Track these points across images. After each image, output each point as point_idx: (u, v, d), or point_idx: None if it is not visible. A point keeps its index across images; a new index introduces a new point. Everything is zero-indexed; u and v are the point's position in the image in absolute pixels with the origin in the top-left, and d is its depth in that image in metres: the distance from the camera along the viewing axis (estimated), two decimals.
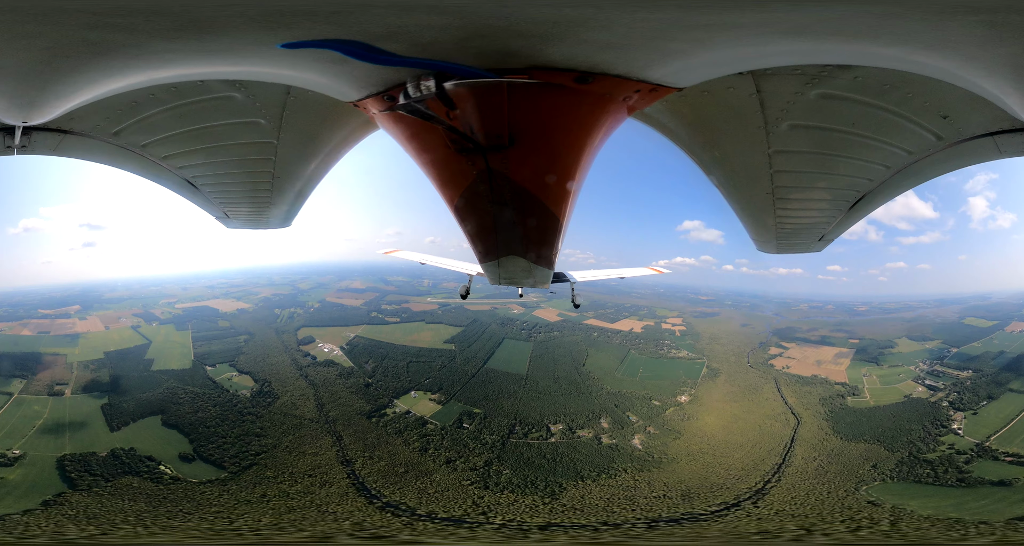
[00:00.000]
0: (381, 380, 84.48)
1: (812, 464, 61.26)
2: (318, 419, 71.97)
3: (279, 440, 66.06)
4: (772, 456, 64.51)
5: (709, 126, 5.19)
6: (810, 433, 68.90)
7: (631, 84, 3.58)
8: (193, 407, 70.35)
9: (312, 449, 64.93)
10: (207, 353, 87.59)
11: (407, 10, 2.81)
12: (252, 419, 69.73)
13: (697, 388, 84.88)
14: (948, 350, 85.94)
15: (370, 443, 68.12)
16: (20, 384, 67.34)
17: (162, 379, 76.33)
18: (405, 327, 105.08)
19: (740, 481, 60.25)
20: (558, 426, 74.45)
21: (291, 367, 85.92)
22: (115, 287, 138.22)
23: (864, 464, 59.01)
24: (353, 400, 77.81)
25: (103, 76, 3.46)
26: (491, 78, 3.18)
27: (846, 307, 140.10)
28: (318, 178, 6.98)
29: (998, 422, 59.96)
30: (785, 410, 76.08)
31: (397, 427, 72.67)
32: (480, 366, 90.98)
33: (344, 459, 63.98)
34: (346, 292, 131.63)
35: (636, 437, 72.48)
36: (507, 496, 58.82)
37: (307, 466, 61.42)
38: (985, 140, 5.11)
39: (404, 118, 3.87)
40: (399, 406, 78.04)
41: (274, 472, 59.38)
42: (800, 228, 6.73)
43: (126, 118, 5.62)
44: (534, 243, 5.59)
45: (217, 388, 76.50)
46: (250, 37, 3.05)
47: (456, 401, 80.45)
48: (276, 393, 77.11)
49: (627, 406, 79.67)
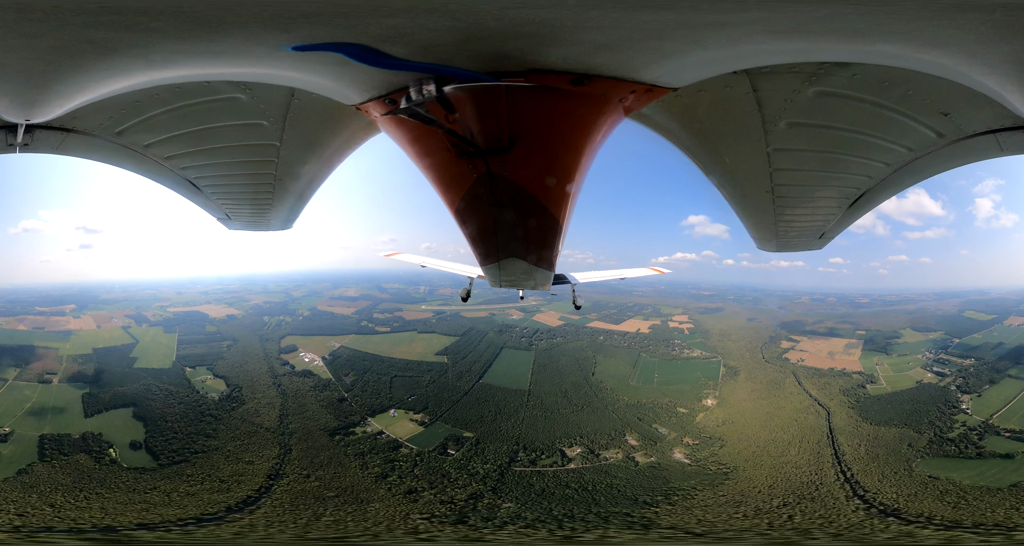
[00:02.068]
0: (359, 395, 79.13)
1: (860, 450, 63.82)
2: (276, 429, 69.79)
3: (224, 443, 65.94)
4: (822, 447, 65.35)
5: (706, 125, 5.18)
6: (843, 422, 70.55)
7: (626, 85, 3.59)
8: (163, 403, 73.12)
9: (250, 457, 63.16)
10: (189, 355, 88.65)
11: (409, 13, 2.82)
12: (210, 420, 70.76)
13: (720, 389, 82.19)
14: (951, 340, 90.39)
15: (319, 462, 63.36)
16: (14, 372, 73.02)
17: (141, 376, 79.44)
18: (395, 337, 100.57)
19: (820, 474, 60.19)
20: (574, 449, 66.29)
21: (266, 375, 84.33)
22: (111, 289, 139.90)
23: (901, 445, 63.51)
24: (321, 414, 73.98)
25: (107, 76, 3.48)
26: (490, 82, 3.22)
27: (848, 300, 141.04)
28: (320, 180, 6.99)
29: (999, 403, 67.50)
30: (812, 403, 76.20)
31: (361, 448, 66.45)
32: (475, 381, 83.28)
33: (274, 473, 60.47)
34: (339, 300, 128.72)
35: (676, 451, 66.47)
36: (512, 534, 51.80)
37: (230, 472, 59.97)
38: (987, 137, 5.08)
39: (405, 122, 3.90)
40: (372, 425, 71.88)
41: (193, 471, 59.95)
42: (800, 226, 6.72)
43: (129, 118, 5.63)
44: (534, 245, 5.60)
45: (189, 388, 78.41)
46: (257, 39, 3.08)
47: (442, 423, 73.08)
48: (244, 399, 76.68)
49: (652, 417, 74.28)
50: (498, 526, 52.85)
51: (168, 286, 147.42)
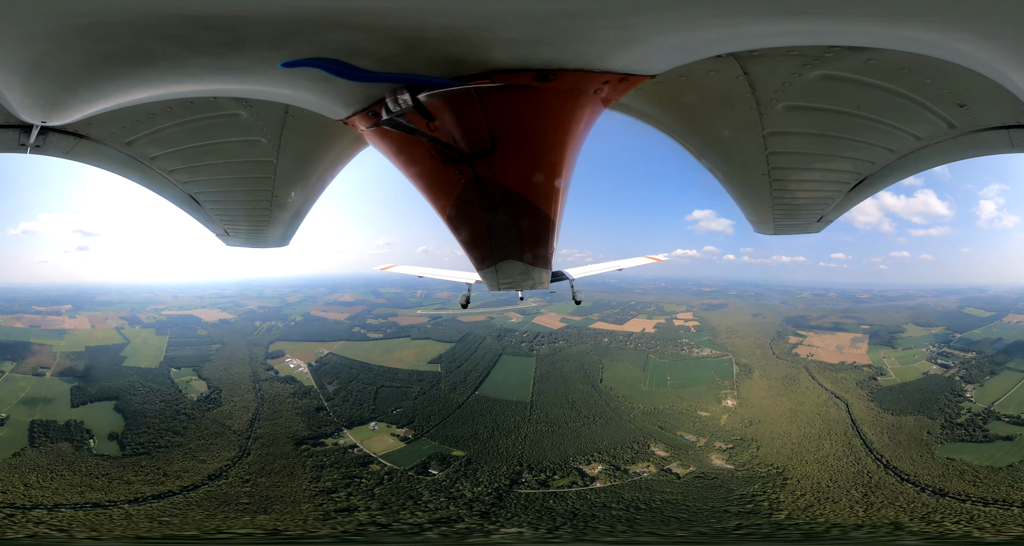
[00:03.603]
0: (339, 405, 75.60)
1: (884, 438, 66.22)
2: (244, 433, 69.13)
3: (189, 441, 66.88)
4: (850, 438, 66.53)
5: (694, 111, 5.07)
6: (862, 413, 72.07)
7: (596, 76, 3.48)
8: (144, 399, 75.21)
9: (205, 457, 63.64)
10: (177, 357, 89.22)
11: (357, 29, 2.84)
12: (183, 419, 71.75)
13: (737, 388, 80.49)
14: (952, 335, 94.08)
15: (270, 469, 60.85)
16: (10, 365, 78.06)
17: (128, 374, 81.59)
18: (387, 344, 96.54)
19: (861, 464, 60.97)
20: (594, 466, 60.66)
21: (248, 379, 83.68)
22: (108, 291, 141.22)
23: (921, 431, 66.64)
24: (295, 422, 71.65)
25: (132, 86, 3.47)
26: (457, 86, 3.21)
27: (848, 295, 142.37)
28: (315, 197, 7.02)
29: (999, 392, 72.58)
30: (829, 396, 76.69)
31: (323, 461, 62.41)
32: (470, 393, 77.93)
33: (217, 473, 59.78)
34: (333, 306, 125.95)
35: (713, 458, 63.25)
36: (513, 536, 47.66)
37: (178, 468, 61.01)
38: (999, 132, 5.00)
39: (390, 133, 3.90)
40: (346, 438, 67.74)
41: (148, 463, 61.82)
42: (798, 210, 6.64)
43: (141, 129, 5.67)
44: (529, 244, 5.54)
45: (172, 387, 79.57)
46: (261, 55, 3.10)
47: (428, 439, 67.84)
48: (221, 401, 76.83)
49: (674, 424, 70.81)
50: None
51: (164, 290, 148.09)
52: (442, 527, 50.76)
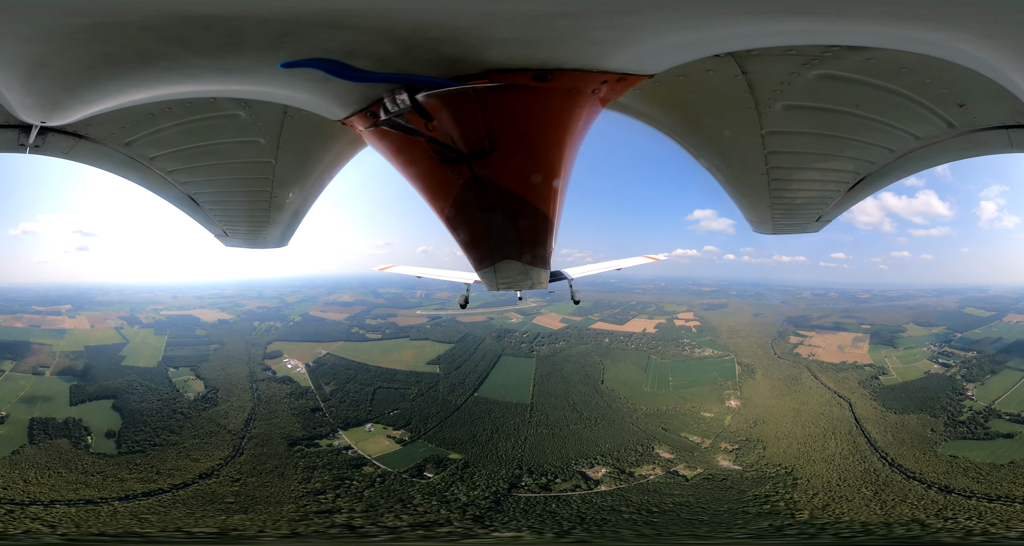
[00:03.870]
0: (336, 406, 75.32)
1: (887, 436, 66.64)
2: (238, 433, 69.29)
3: (184, 440, 67.06)
4: (855, 437, 66.86)
5: (692, 111, 5.06)
6: (866, 412, 72.25)
7: (594, 76, 3.49)
8: (141, 398, 75.77)
9: (199, 455, 63.85)
10: (176, 356, 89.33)
11: (353, 29, 2.86)
12: (180, 418, 72.06)
13: (740, 388, 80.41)
14: (953, 335, 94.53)
15: (262, 469, 60.91)
16: (10, 364, 78.92)
17: (126, 373, 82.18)
18: (386, 345, 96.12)
19: (867, 462, 61.23)
20: (598, 470, 59.95)
21: (246, 380, 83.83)
22: (108, 291, 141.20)
23: (924, 430, 67.32)
24: (290, 423, 71.72)
25: (131, 86, 3.48)
26: (455, 86, 3.22)
27: (848, 295, 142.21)
28: (314, 197, 7.02)
29: (999, 391, 73.38)
30: (832, 396, 76.77)
31: (315, 462, 62.18)
32: (469, 394, 77.25)
33: (208, 472, 60.07)
34: (332, 306, 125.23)
35: (720, 459, 62.91)
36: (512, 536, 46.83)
37: (171, 466, 61.39)
38: (999, 132, 4.99)
39: (388, 133, 3.90)
40: (341, 440, 67.65)
41: (142, 461, 62.31)
42: (797, 209, 6.63)
43: (140, 129, 5.68)
44: (528, 245, 5.53)
45: (170, 387, 79.79)
46: (260, 56, 3.11)
47: (425, 441, 67.24)
48: (217, 401, 76.85)
49: (678, 426, 70.45)
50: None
51: (164, 290, 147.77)
52: (419, 530, 49.86)
